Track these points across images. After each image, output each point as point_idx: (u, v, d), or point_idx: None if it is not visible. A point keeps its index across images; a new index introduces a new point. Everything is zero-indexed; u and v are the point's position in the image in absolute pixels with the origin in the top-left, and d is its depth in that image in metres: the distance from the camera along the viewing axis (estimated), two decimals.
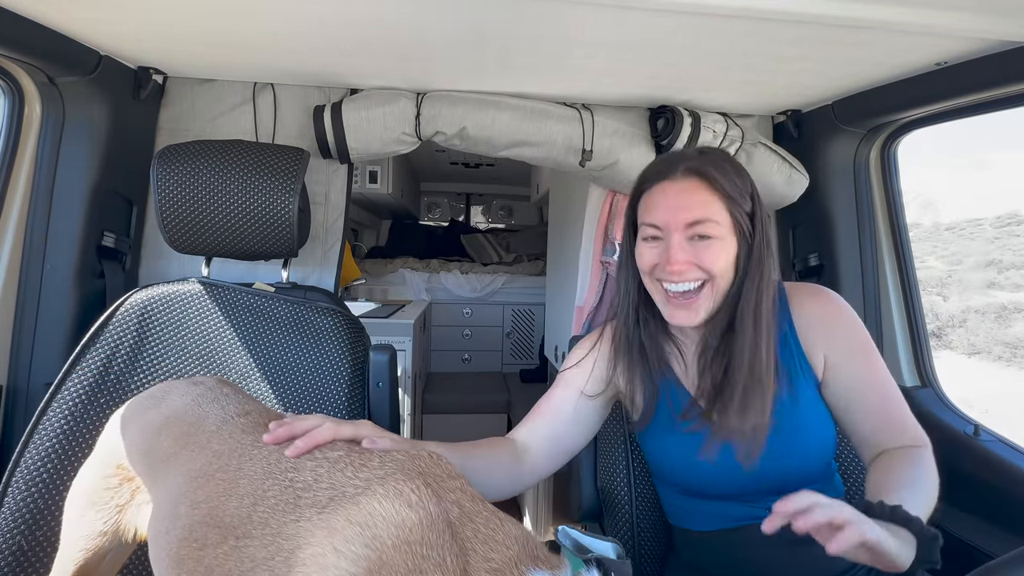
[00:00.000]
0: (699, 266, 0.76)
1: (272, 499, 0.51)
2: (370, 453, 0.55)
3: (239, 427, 0.64)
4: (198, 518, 0.54)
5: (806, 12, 0.73)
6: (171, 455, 0.63)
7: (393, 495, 0.47)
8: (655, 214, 0.78)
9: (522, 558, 0.45)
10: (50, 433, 0.82)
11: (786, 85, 1.05)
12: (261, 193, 0.94)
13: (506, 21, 0.81)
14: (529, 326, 3.32)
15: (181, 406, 0.70)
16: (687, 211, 0.75)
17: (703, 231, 0.75)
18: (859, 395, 0.78)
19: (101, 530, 0.67)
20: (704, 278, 0.76)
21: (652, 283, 0.81)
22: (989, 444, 0.96)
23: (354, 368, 0.95)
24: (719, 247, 0.75)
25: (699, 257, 0.75)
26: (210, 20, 0.85)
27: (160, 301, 0.95)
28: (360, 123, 1.11)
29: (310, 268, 1.21)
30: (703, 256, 0.75)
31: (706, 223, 0.75)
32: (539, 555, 0.47)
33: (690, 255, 0.76)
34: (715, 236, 0.75)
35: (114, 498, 0.68)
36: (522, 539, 0.47)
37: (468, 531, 0.47)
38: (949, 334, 6.81)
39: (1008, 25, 0.75)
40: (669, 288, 0.78)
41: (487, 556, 0.45)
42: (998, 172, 20.52)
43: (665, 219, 0.77)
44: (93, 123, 1.01)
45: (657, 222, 0.78)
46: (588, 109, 1.19)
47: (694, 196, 0.76)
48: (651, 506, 0.99)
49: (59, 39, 0.90)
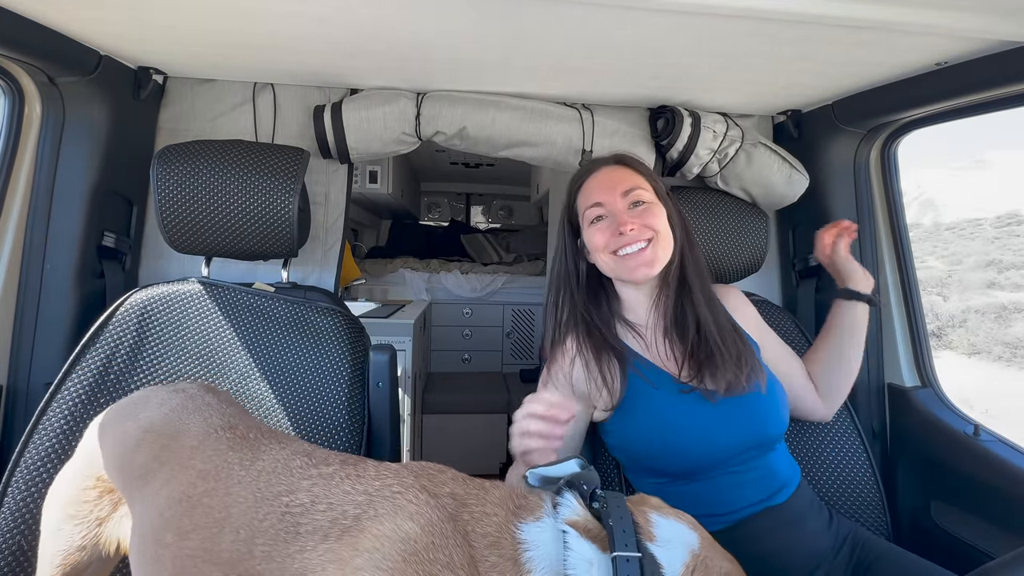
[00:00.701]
0: (644, 225, 0.87)
1: (270, 530, 0.50)
2: (364, 463, 0.55)
3: (224, 442, 0.60)
4: (188, 551, 0.52)
5: (806, 12, 0.73)
6: (149, 472, 0.60)
7: (393, 512, 0.48)
8: (595, 194, 0.91)
9: (508, 519, 0.49)
10: (50, 433, 0.82)
11: (786, 85, 1.05)
12: (261, 193, 0.94)
13: (506, 21, 0.81)
14: (529, 326, 3.32)
15: (159, 417, 0.65)
16: (620, 183, 0.90)
17: (638, 197, 0.89)
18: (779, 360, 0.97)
19: (79, 544, 0.64)
20: (650, 235, 0.88)
21: (606, 259, 0.90)
22: (989, 444, 0.96)
23: (354, 368, 0.95)
24: (655, 209, 0.89)
25: (642, 218, 0.87)
26: (210, 20, 0.85)
27: (160, 301, 0.95)
28: (360, 123, 1.11)
29: (310, 268, 1.21)
30: (644, 217, 0.88)
31: (638, 190, 0.89)
32: (521, 505, 0.51)
33: (634, 217, 0.87)
34: (649, 201, 0.89)
35: (93, 511, 0.64)
36: (504, 500, 0.51)
37: (465, 515, 0.49)
38: (949, 334, 6.81)
39: (1008, 25, 0.74)
40: (624, 252, 0.87)
41: (484, 532, 0.48)
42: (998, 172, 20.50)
43: (603, 195, 0.90)
44: (93, 123, 1.01)
45: (598, 199, 0.90)
46: (588, 109, 1.19)
47: (622, 173, 0.92)
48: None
49: (59, 39, 0.90)
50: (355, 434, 0.90)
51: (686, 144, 1.14)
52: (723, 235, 1.17)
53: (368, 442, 0.93)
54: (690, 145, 1.14)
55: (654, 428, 0.85)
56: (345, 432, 0.90)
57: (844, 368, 0.98)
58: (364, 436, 0.92)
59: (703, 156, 1.16)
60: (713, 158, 1.16)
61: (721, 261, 1.17)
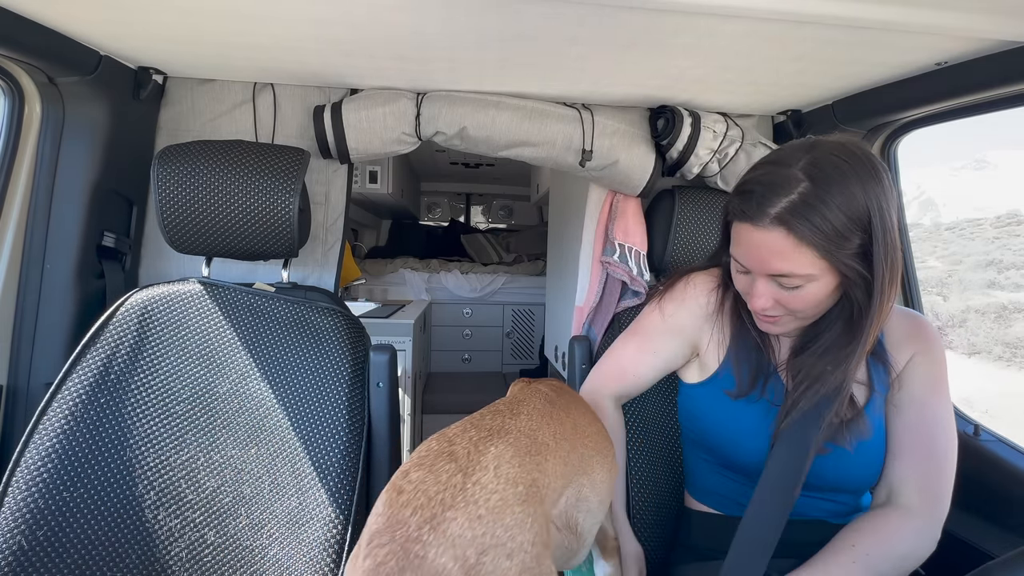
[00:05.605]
0: (782, 304, 0.74)
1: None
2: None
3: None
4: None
5: (806, 12, 0.73)
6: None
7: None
8: (740, 253, 0.75)
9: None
10: (50, 433, 0.82)
11: (786, 85, 1.05)
12: (261, 193, 0.94)
13: (506, 21, 0.81)
14: (529, 326, 3.32)
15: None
16: (769, 263, 0.71)
17: (788, 283, 0.71)
18: (907, 426, 0.77)
19: None
20: (787, 315, 0.75)
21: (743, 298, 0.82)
22: (989, 444, 0.96)
23: (354, 368, 0.95)
24: (808, 291, 0.71)
25: (783, 298, 0.73)
26: (210, 20, 0.85)
27: (160, 301, 0.95)
28: (360, 123, 1.11)
29: (310, 268, 1.21)
30: (787, 299, 0.73)
31: (791, 277, 0.70)
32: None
33: (774, 294, 0.73)
34: (803, 282, 0.70)
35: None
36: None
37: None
38: (949, 334, 6.81)
39: (1008, 25, 0.74)
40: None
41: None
42: (998, 172, 20.49)
43: (749, 263, 0.75)
44: (93, 123, 1.01)
45: (742, 262, 0.76)
46: (588, 109, 1.19)
47: (776, 250, 0.69)
48: (649, 503, 0.99)
49: (59, 39, 0.90)
50: (355, 434, 0.90)
51: (686, 144, 1.14)
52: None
53: (368, 442, 0.93)
54: (690, 145, 1.14)
55: (729, 423, 0.84)
56: (345, 432, 0.90)
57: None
58: (364, 436, 0.92)
59: (703, 156, 1.16)
60: (713, 158, 1.16)
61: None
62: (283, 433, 0.89)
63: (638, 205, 1.25)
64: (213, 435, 0.89)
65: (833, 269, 0.69)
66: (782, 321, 0.77)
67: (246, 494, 0.87)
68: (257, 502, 0.86)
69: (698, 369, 0.92)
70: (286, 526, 0.85)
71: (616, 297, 1.24)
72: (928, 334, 0.81)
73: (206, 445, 0.88)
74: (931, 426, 0.75)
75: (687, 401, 0.93)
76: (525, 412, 0.64)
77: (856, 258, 0.68)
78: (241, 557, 0.84)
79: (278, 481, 0.87)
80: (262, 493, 0.87)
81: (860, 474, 0.78)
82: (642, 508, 0.98)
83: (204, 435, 0.89)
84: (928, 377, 0.78)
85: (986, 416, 1.05)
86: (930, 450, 0.74)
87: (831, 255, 0.67)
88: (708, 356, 0.90)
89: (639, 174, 1.19)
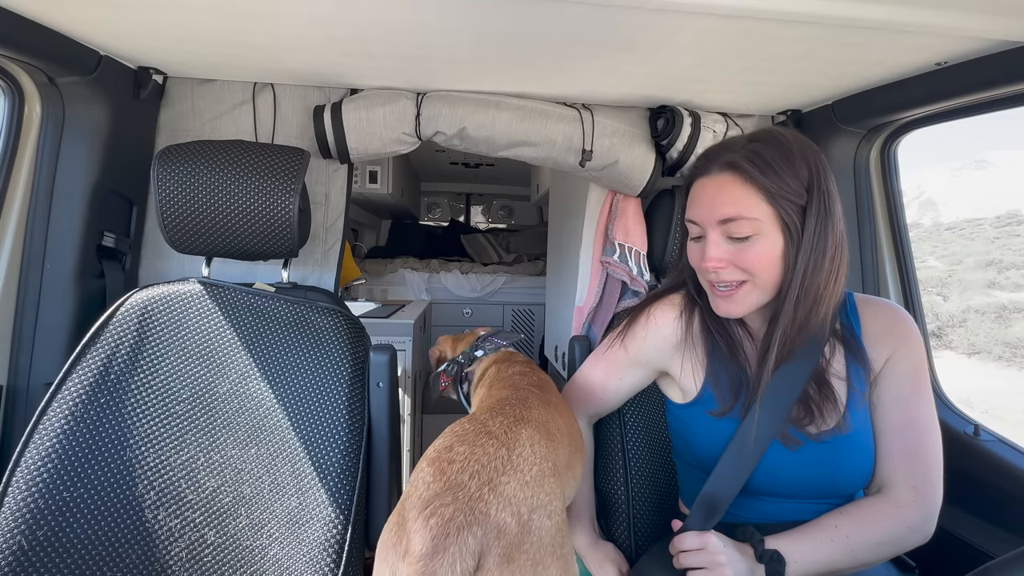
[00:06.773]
0: (736, 265, 0.74)
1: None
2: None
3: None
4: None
5: (806, 12, 0.73)
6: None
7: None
8: (692, 210, 0.79)
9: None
10: (50, 433, 0.82)
11: (786, 85, 1.05)
12: (261, 193, 0.94)
13: (506, 21, 0.81)
14: (529, 326, 3.32)
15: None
16: (719, 208, 0.73)
17: (736, 230, 0.72)
18: (891, 427, 0.77)
19: None
20: (742, 278, 0.75)
21: (701, 276, 0.82)
22: (989, 444, 0.96)
23: (354, 368, 0.95)
24: (760, 246, 0.72)
25: (736, 256, 0.74)
26: (210, 20, 0.85)
27: (160, 301, 0.95)
28: (360, 123, 1.11)
29: (310, 268, 1.21)
30: (739, 256, 0.73)
31: (739, 221, 0.72)
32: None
33: (726, 253, 0.74)
34: (753, 234, 0.72)
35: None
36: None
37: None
38: (949, 334, 6.82)
39: (1008, 25, 0.74)
40: (711, 278, 0.78)
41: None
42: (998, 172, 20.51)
43: (700, 215, 0.76)
44: (93, 123, 1.01)
45: (694, 218, 0.78)
46: (588, 109, 1.19)
47: (727, 192, 0.73)
48: (648, 506, 0.99)
49: (59, 39, 0.90)
50: (355, 434, 0.90)
51: (686, 144, 1.14)
52: None
53: (368, 442, 0.93)
54: (690, 145, 1.14)
55: (714, 440, 0.83)
56: (345, 432, 0.90)
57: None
58: (364, 436, 0.92)
59: None
60: None
61: None
62: (283, 433, 0.89)
63: (638, 205, 1.25)
64: (213, 435, 0.89)
65: (777, 219, 0.72)
66: (740, 294, 0.76)
67: (246, 494, 0.87)
68: (257, 502, 0.86)
69: (680, 392, 0.90)
70: (286, 526, 0.85)
71: (616, 297, 1.24)
72: (905, 328, 0.80)
73: (206, 445, 0.88)
74: (916, 424, 0.76)
75: (674, 421, 0.92)
76: (534, 407, 0.74)
77: (799, 213, 0.72)
78: (241, 557, 0.84)
79: (278, 481, 0.87)
80: (262, 493, 0.87)
81: (848, 479, 0.78)
82: (642, 509, 0.98)
83: (204, 435, 0.89)
84: (909, 375, 0.78)
85: (986, 416, 1.05)
86: (917, 449, 0.75)
87: (775, 201, 0.71)
88: (686, 381, 0.88)
89: (639, 174, 1.19)
